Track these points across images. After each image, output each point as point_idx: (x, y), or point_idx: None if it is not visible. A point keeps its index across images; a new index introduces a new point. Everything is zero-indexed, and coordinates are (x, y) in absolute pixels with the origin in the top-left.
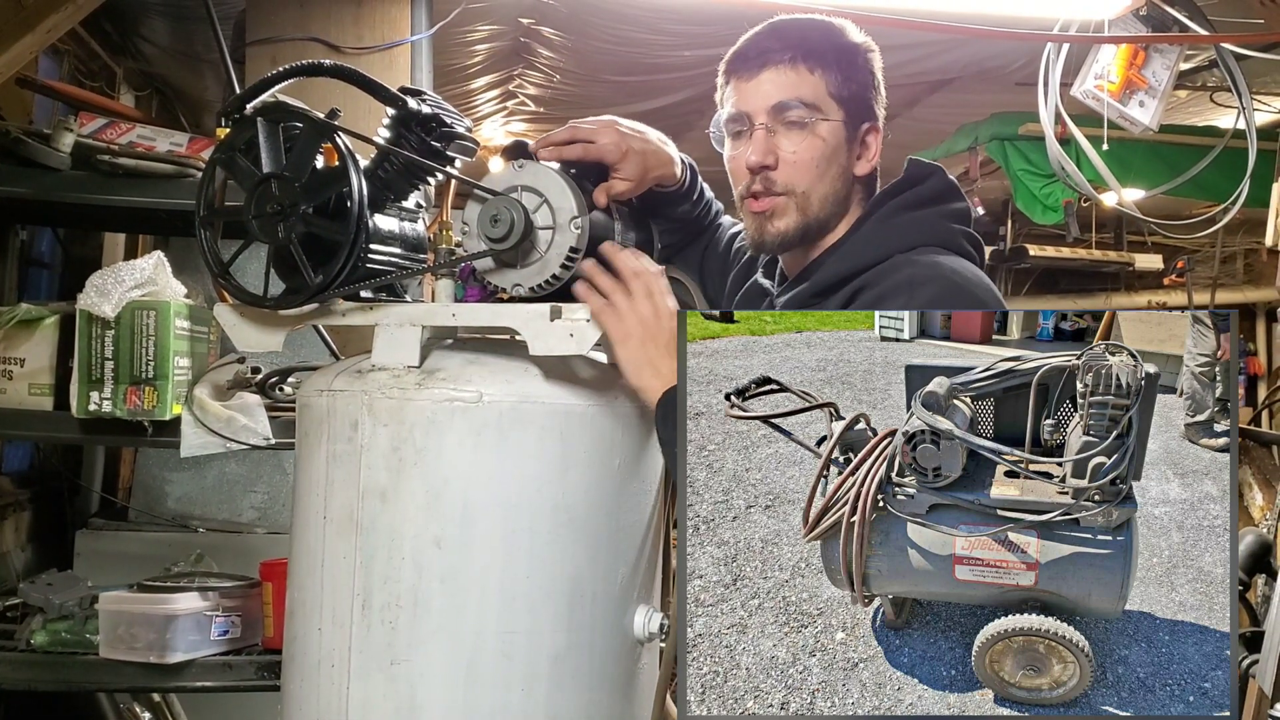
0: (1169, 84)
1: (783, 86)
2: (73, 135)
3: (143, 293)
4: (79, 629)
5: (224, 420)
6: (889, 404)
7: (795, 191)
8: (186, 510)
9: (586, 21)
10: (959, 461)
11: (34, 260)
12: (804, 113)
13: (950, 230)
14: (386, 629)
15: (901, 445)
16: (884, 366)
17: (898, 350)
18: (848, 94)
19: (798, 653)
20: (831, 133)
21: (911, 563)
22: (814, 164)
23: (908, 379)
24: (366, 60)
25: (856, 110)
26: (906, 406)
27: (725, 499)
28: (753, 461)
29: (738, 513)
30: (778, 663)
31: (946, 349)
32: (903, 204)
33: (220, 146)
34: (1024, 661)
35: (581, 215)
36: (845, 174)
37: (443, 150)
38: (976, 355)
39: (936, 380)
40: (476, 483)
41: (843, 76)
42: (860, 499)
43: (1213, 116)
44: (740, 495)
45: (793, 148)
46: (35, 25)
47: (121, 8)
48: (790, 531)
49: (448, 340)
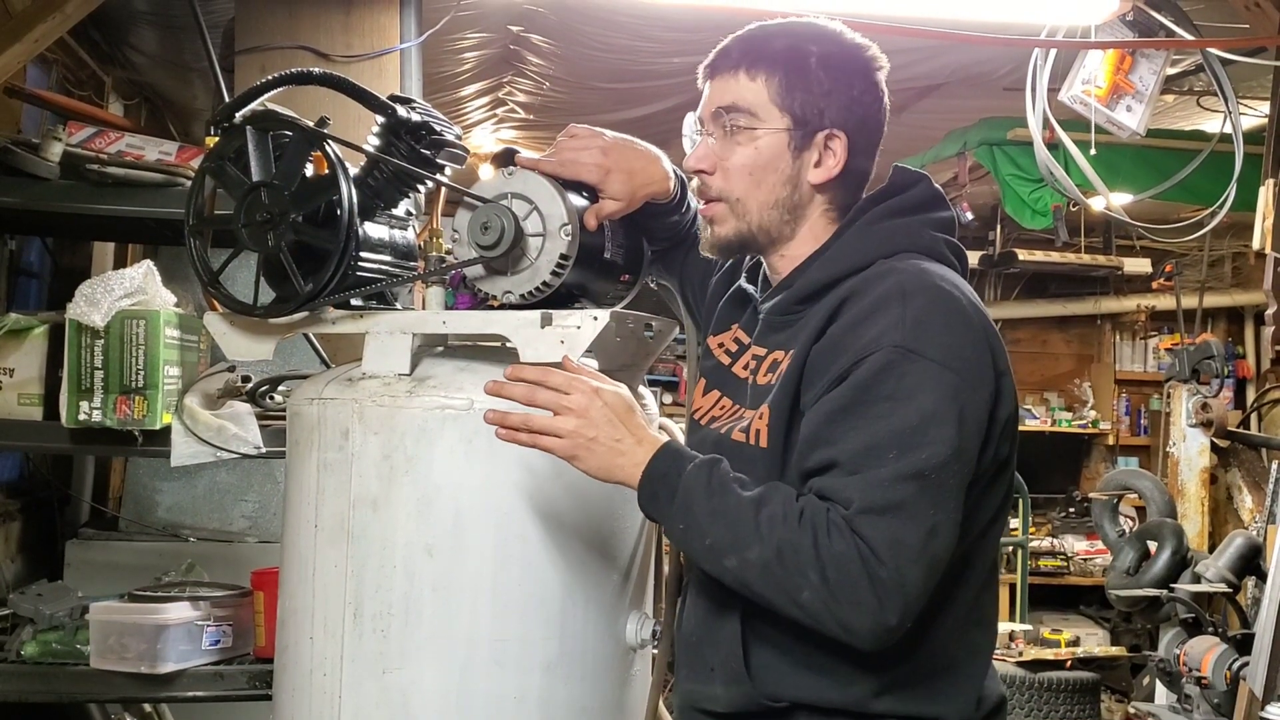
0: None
1: (723, 92)
2: (61, 144)
3: (132, 302)
4: (70, 639)
5: (214, 429)
6: None
7: (730, 198)
8: (177, 519)
9: (576, 29)
10: None
11: (23, 270)
12: (738, 119)
13: (933, 239)
14: (378, 637)
15: None
16: None
17: None
18: (797, 101)
19: None
20: (770, 140)
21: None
22: (747, 171)
23: None
24: (356, 68)
25: (806, 117)
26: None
27: None
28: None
29: None
30: None
31: None
32: (887, 211)
33: (209, 155)
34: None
35: (571, 222)
36: (791, 182)
37: (432, 158)
38: None
39: None
40: (468, 490)
41: (790, 82)
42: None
43: (1200, 121)
44: None
45: (727, 155)
46: (23, 35)
47: (110, 17)
48: None
49: (438, 348)
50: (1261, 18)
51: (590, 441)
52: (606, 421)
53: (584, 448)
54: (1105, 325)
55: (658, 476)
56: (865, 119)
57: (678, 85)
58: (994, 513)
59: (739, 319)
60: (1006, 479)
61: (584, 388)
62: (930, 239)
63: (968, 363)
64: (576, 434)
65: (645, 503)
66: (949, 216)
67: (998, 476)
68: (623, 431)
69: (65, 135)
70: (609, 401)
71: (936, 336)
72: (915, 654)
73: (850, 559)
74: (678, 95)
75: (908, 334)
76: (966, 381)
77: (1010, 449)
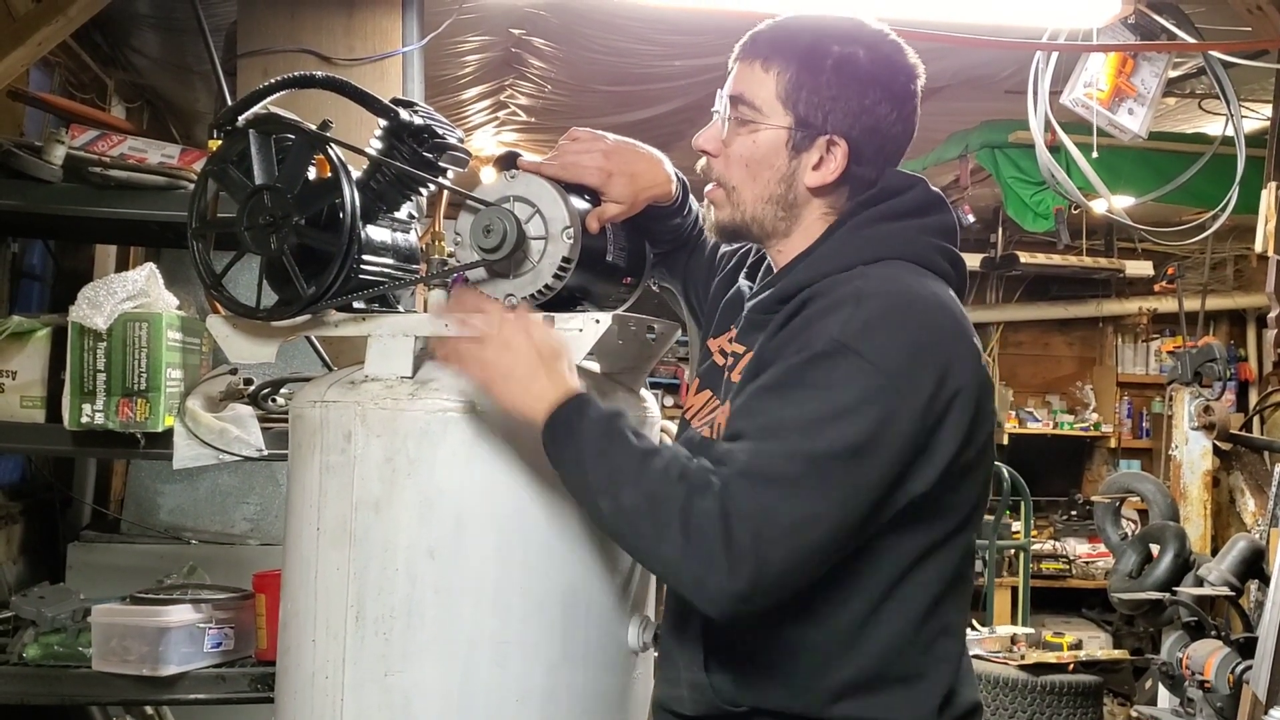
0: (1158, 91)
1: (738, 80)
2: (64, 147)
3: (135, 304)
4: (71, 642)
5: (216, 432)
6: None
7: (727, 185)
8: (179, 522)
9: (577, 32)
10: None
11: (25, 273)
12: (743, 110)
13: (925, 245)
14: (380, 640)
15: None
16: None
17: None
18: (804, 100)
19: None
20: (768, 136)
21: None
22: (744, 163)
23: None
24: (358, 71)
25: (810, 119)
26: None
27: None
28: None
29: None
30: None
31: None
32: (878, 215)
33: (212, 158)
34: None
35: (574, 225)
36: (786, 181)
37: (435, 161)
38: None
39: None
40: (470, 493)
41: (801, 81)
42: None
43: (1202, 123)
44: None
45: (730, 142)
46: (26, 38)
47: (113, 20)
48: None
49: None
50: (1263, 20)
51: (505, 376)
52: (527, 360)
53: (499, 380)
54: (1107, 328)
55: (561, 419)
56: (876, 128)
57: (679, 88)
58: (956, 525)
59: (735, 320)
60: (969, 492)
61: (517, 325)
62: (921, 245)
63: (904, 369)
64: (494, 365)
65: (546, 443)
66: (946, 220)
67: (955, 488)
68: (540, 373)
69: (68, 138)
70: (537, 340)
71: (878, 338)
72: (871, 661)
73: (712, 518)
74: (679, 98)
75: (850, 332)
76: (895, 387)
77: (972, 464)
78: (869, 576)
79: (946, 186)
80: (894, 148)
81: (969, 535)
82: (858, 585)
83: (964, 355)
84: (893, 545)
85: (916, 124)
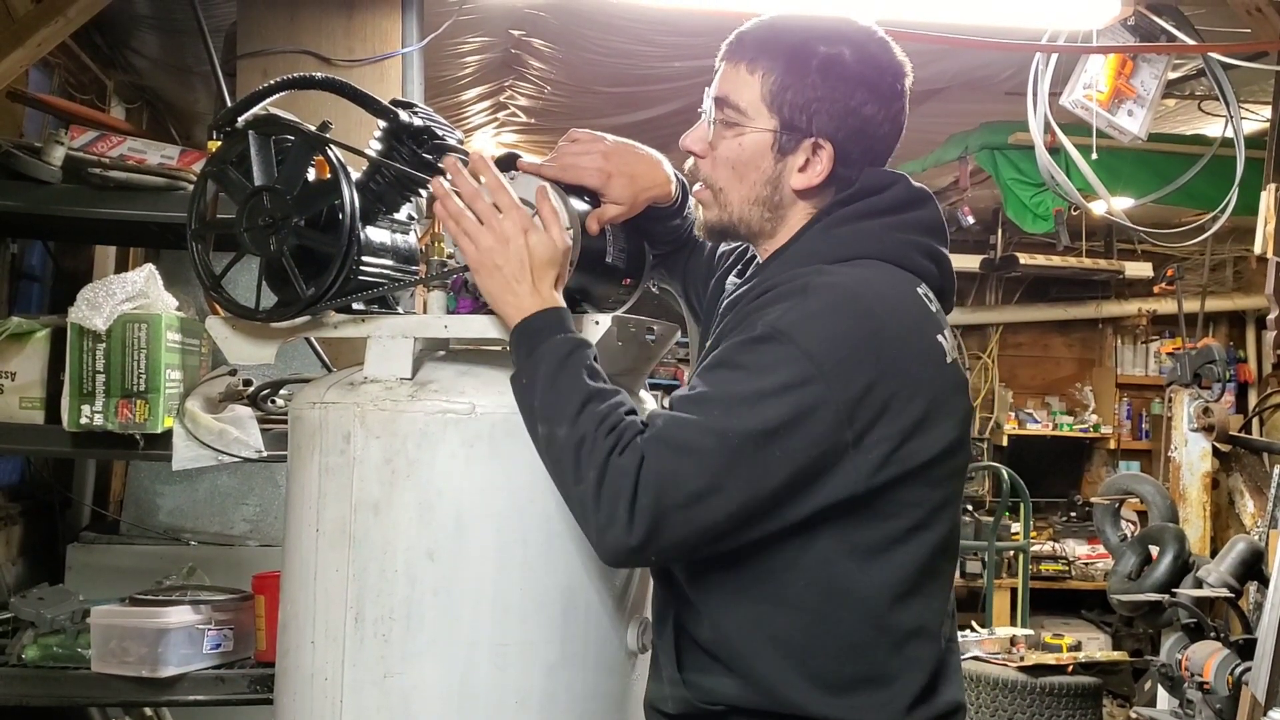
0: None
1: (723, 81)
2: (63, 148)
3: (134, 306)
4: (71, 643)
5: (216, 433)
6: None
7: (714, 186)
8: (178, 523)
9: (577, 33)
10: None
11: (25, 273)
12: (728, 113)
13: (900, 242)
14: (379, 642)
15: None
16: None
17: None
18: (788, 103)
19: None
20: (753, 139)
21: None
22: (729, 164)
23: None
24: (358, 72)
25: (796, 121)
26: None
27: None
28: None
29: None
30: None
31: None
32: (852, 214)
33: (212, 159)
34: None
35: (573, 226)
36: (772, 183)
37: (434, 162)
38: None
39: None
40: (469, 494)
41: (787, 83)
42: None
43: (1201, 125)
44: None
45: (716, 144)
46: (26, 39)
47: (112, 21)
48: None
49: (440, 352)
50: (1263, 22)
51: (495, 267)
52: (519, 259)
53: (487, 268)
54: (1106, 329)
55: (530, 330)
56: (863, 130)
57: (678, 89)
58: (911, 524)
59: None
60: (924, 492)
61: (518, 219)
62: (894, 243)
63: (837, 362)
64: (489, 253)
65: (511, 347)
66: (927, 217)
67: (902, 487)
68: (527, 276)
69: (67, 139)
70: (532, 245)
71: (814, 329)
72: (832, 661)
73: (626, 473)
74: (679, 99)
75: (788, 321)
76: (825, 376)
77: (927, 464)
78: (815, 573)
79: (946, 188)
80: (882, 147)
81: (935, 535)
82: (807, 582)
83: (910, 355)
84: (836, 541)
85: (905, 122)
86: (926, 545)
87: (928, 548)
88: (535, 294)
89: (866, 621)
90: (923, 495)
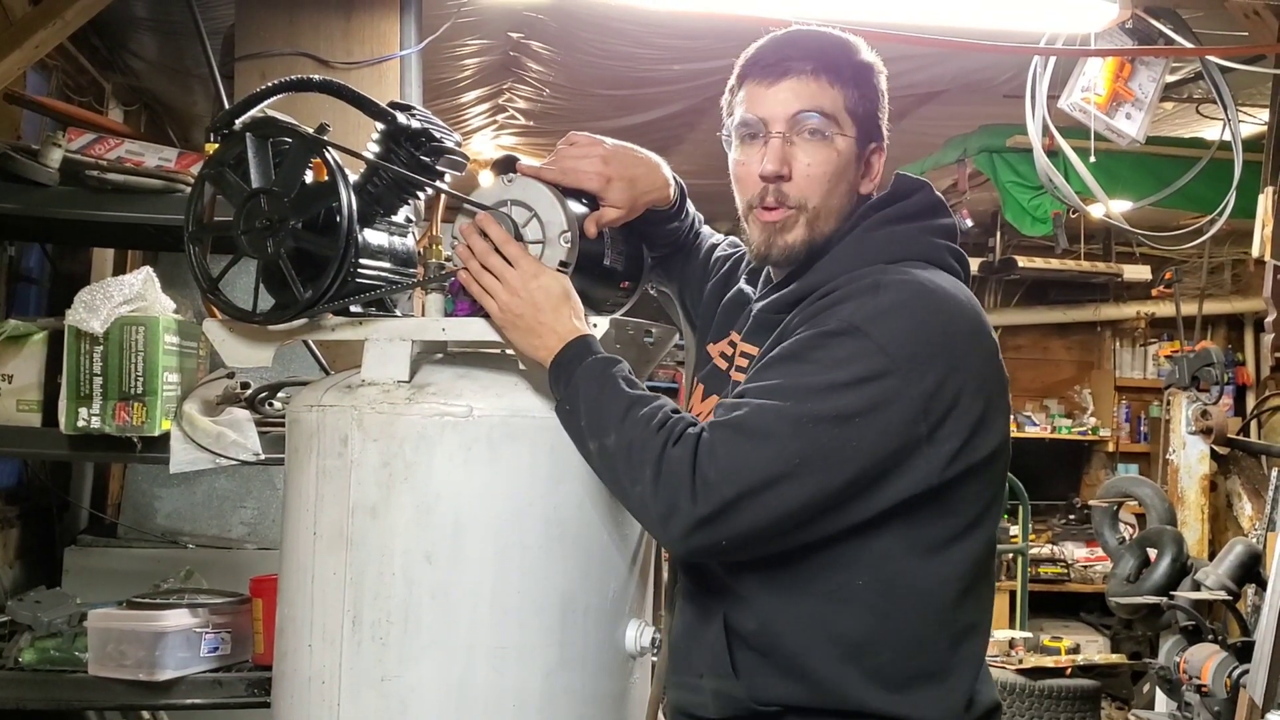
0: (1155, 96)
1: (804, 96)
2: (61, 151)
3: (131, 308)
4: (68, 646)
5: (213, 436)
6: None
7: (807, 206)
8: (176, 526)
9: (576, 36)
10: None
11: (22, 276)
12: (823, 124)
13: (935, 245)
14: (377, 645)
15: None
16: None
17: None
18: (861, 111)
19: None
20: (846, 148)
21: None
22: (827, 178)
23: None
24: (356, 75)
25: (867, 129)
26: None
27: None
28: None
29: None
30: None
31: None
32: (887, 218)
33: (209, 162)
34: None
35: (571, 229)
36: (852, 191)
37: (432, 165)
38: None
39: None
40: (467, 497)
41: (859, 93)
42: None
43: (1199, 128)
44: None
45: (808, 160)
46: (23, 41)
47: (110, 23)
48: None
49: (438, 355)
50: (1260, 25)
51: (517, 317)
52: (533, 304)
53: (511, 321)
54: (1105, 332)
55: (562, 363)
56: (886, 134)
57: (677, 92)
58: (970, 521)
59: (735, 324)
60: (981, 489)
61: (526, 268)
62: (932, 245)
63: (909, 357)
64: (508, 307)
65: (551, 383)
66: (950, 224)
67: (964, 483)
68: (546, 317)
69: (65, 141)
70: (544, 286)
71: (888, 323)
72: (895, 656)
73: (684, 462)
74: (678, 102)
75: (862, 315)
76: (900, 369)
77: (984, 461)
78: (877, 569)
79: (945, 191)
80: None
81: (986, 533)
82: (869, 578)
83: (977, 352)
84: (898, 538)
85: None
86: (980, 541)
87: (981, 544)
88: (554, 333)
89: (929, 618)
90: (980, 491)
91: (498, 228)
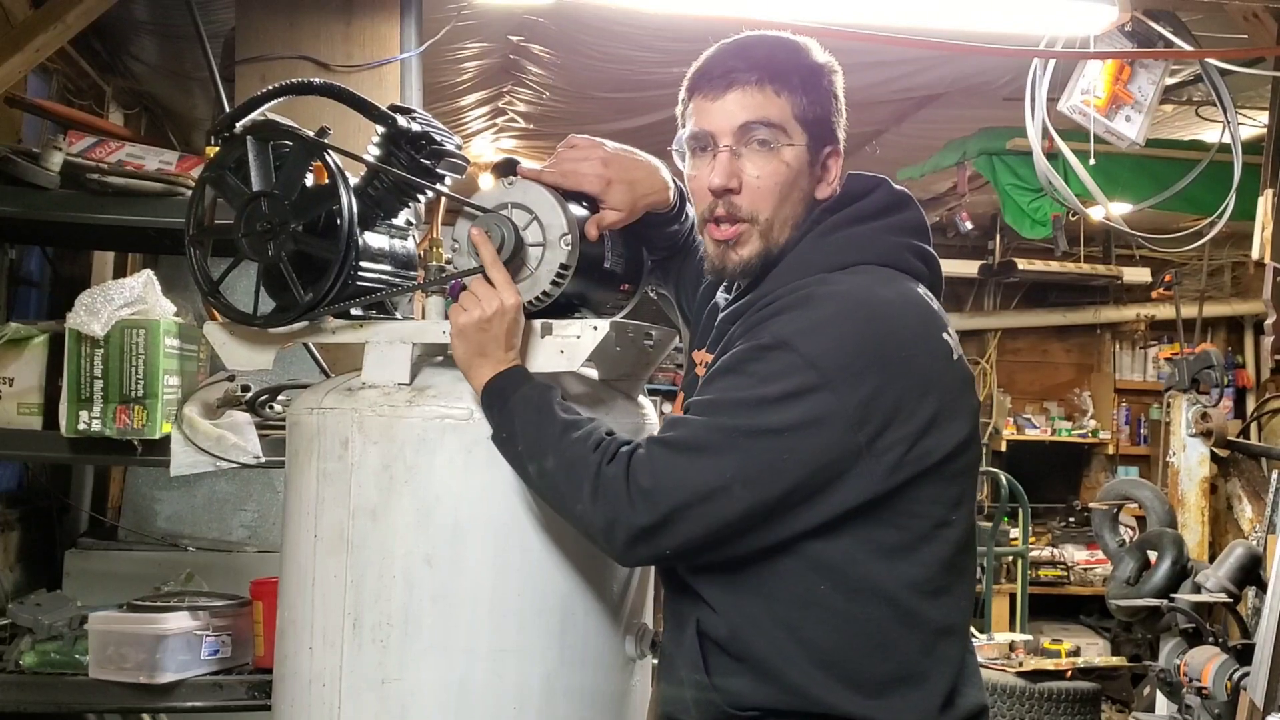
0: (1155, 99)
1: (749, 107)
2: (62, 154)
3: (132, 311)
4: (68, 649)
5: (214, 439)
6: None
7: (758, 219)
8: (176, 529)
9: (576, 39)
10: None
11: (23, 279)
12: (771, 134)
13: (892, 245)
14: (378, 648)
15: None
16: None
17: None
18: (812, 117)
19: None
20: (795, 157)
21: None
22: (778, 189)
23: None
24: (356, 78)
25: (819, 133)
26: None
27: None
28: None
29: None
30: None
31: None
32: (841, 220)
33: (210, 165)
34: None
35: (571, 232)
36: (806, 198)
37: (432, 168)
38: None
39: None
40: (467, 500)
41: (808, 99)
42: None
43: (1198, 131)
44: None
45: (757, 172)
46: (24, 44)
47: (111, 26)
48: None
49: (438, 357)
50: (1260, 28)
51: (468, 341)
52: (493, 334)
53: (463, 339)
54: (1105, 334)
55: (496, 389)
56: (842, 136)
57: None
58: (932, 525)
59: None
60: (941, 491)
61: (498, 304)
62: (888, 246)
63: (842, 368)
64: (468, 327)
65: (484, 409)
66: (913, 218)
67: (919, 488)
68: (494, 346)
69: (66, 145)
70: (503, 318)
71: (817, 337)
72: (865, 660)
73: (619, 476)
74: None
75: (792, 330)
76: (831, 382)
77: (941, 463)
78: (841, 573)
79: (944, 193)
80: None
81: (956, 532)
82: (833, 583)
83: (921, 356)
84: (860, 542)
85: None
86: (949, 541)
87: (950, 544)
88: (497, 360)
89: (897, 621)
90: (940, 492)
91: (489, 249)
